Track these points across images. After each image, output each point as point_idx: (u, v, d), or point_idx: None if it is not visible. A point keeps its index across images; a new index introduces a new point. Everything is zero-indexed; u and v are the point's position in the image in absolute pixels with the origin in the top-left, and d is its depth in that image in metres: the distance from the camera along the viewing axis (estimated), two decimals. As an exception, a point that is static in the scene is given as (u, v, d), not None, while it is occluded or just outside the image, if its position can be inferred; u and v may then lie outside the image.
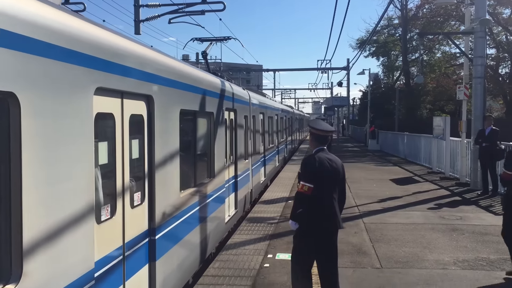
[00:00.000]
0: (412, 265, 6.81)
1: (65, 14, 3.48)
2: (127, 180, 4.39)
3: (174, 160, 5.58)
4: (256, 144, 13.02)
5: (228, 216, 9.15)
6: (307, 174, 4.82)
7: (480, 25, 13.20)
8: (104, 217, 3.98)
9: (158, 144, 4.99)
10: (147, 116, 4.85)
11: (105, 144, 4.07)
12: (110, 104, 4.07)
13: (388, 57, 47.19)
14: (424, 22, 37.78)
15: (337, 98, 31.50)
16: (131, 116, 4.45)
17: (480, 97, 13.66)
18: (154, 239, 4.94)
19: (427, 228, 8.98)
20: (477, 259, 7.09)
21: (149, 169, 4.88)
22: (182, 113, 5.93)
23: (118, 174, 4.23)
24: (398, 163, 21.78)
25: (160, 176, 5.08)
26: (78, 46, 3.45)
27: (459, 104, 36.95)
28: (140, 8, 14.25)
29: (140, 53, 4.76)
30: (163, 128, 5.18)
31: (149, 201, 4.88)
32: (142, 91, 4.67)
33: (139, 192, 4.69)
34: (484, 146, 12.31)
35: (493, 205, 11.21)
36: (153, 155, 4.92)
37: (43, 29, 3.06)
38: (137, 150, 4.69)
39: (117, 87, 4.08)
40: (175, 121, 5.66)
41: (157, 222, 4.98)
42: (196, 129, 7.02)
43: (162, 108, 5.14)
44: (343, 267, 6.74)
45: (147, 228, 4.85)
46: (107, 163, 4.08)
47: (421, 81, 21.50)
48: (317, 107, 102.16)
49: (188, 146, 6.72)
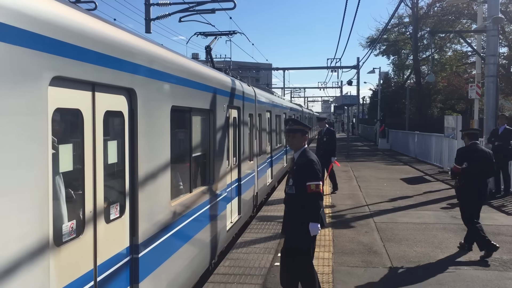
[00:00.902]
0: (423, 265, 6.76)
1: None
2: (100, 190, 3.68)
3: (162, 164, 4.86)
4: (262, 144, 12.49)
5: (230, 223, 8.40)
6: (318, 173, 4.96)
7: (493, 23, 13.06)
8: (68, 237, 3.27)
9: (142, 146, 4.30)
10: (129, 113, 4.15)
11: (69, 146, 3.42)
12: (75, 98, 3.38)
13: (398, 56, 46.95)
14: (435, 20, 37.56)
15: (347, 97, 31.36)
16: (106, 113, 3.77)
17: (493, 96, 13.51)
18: (137, 257, 4.23)
19: (439, 228, 8.92)
20: (490, 259, 7.01)
21: (130, 175, 4.18)
22: (174, 110, 5.22)
23: (88, 183, 3.53)
24: (409, 162, 21.64)
25: (145, 183, 4.40)
26: (21, 22, 2.75)
27: (470, 103, 36.77)
28: (151, 6, 14.27)
29: (119, 39, 4.04)
30: (148, 128, 4.48)
31: (131, 214, 4.18)
32: (122, 84, 3.97)
33: (117, 204, 4.00)
34: (497, 145, 12.18)
35: (505, 205, 11.09)
36: (136, 159, 4.22)
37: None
38: (115, 154, 4.02)
39: (85, 77, 3.38)
40: (164, 119, 4.94)
41: (140, 237, 4.28)
42: (192, 128, 6.19)
43: (147, 104, 4.43)
44: (354, 266, 6.73)
45: (128, 245, 4.15)
46: (72, 170, 3.43)
47: (432, 80, 21.33)
48: (326, 105, 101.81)
49: (182, 148, 6.05)
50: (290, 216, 5.09)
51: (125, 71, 4.00)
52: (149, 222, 4.48)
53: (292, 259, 5.05)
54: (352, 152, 27.26)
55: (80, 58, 3.32)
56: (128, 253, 4.14)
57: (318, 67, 38.73)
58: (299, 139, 5.14)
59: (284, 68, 43.72)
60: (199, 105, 6.37)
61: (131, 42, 4.27)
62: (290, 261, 5.08)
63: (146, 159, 4.40)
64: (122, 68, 3.96)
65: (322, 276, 6.30)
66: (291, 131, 5.16)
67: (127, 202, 4.12)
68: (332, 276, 6.31)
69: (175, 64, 5.40)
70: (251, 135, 10.79)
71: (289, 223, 5.07)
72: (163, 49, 5.25)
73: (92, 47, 3.47)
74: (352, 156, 25.13)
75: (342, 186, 14.29)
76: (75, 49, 3.25)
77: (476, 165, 7.20)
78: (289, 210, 5.13)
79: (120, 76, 3.92)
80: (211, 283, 6.08)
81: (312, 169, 4.93)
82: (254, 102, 11.10)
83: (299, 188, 4.93)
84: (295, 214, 4.97)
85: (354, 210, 10.69)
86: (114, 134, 4.04)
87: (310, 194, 4.85)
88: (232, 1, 13.43)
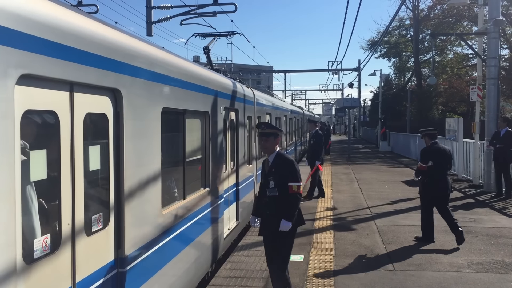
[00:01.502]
0: (425, 268, 6.75)
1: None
2: (79, 199, 3.38)
3: (152, 170, 4.54)
4: None
5: (228, 230, 8.08)
6: (299, 174, 5.19)
7: (494, 25, 13.08)
8: (41, 253, 2.96)
9: (128, 151, 3.99)
10: (114, 115, 3.83)
11: (43, 152, 3.08)
12: (50, 98, 3.06)
13: (399, 58, 47.00)
14: (436, 23, 37.61)
15: (348, 99, 31.35)
16: (87, 116, 3.47)
17: (494, 98, 13.52)
18: (124, 271, 3.93)
19: (440, 231, 8.88)
20: (492, 262, 7.00)
21: (116, 183, 3.87)
22: (166, 112, 4.90)
23: (65, 192, 3.21)
24: (410, 165, 21.60)
25: (132, 191, 4.09)
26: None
27: (471, 105, 36.73)
28: (152, 10, 14.30)
29: (102, 35, 3.69)
30: (136, 131, 4.16)
31: (116, 224, 3.88)
32: (105, 84, 3.66)
33: (100, 214, 3.68)
34: (498, 148, 12.18)
35: (507, 207, 11.08)
36: (122, 165, 3.91)
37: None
38: (98, 159, 3.70)
39: (61, 76, 3.07)
40: (154, 122, 4.62)
41: (127, 249, 3.97)
42: (186, 132, 5.82)
43: (134, 106, 4.12)
44: (355, 268, 6.71)
45: (113, 259, 3.84)
46: (47, 178, 3.10)
47: (433, 82, 21.33)
48: (327, 108, 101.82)
49: (175, 152, 5.70)
50: (273, 219, 5.10)
51: (108, 70, 3.69)
52: (137, 233, 4.18)
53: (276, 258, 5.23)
54: (354, 155, 27.25)
55: (55, 54, 3.00)
56: (114, 267, 3.85)
57: (319, 70, 38.95)
58: (272, 142, 5.22)
59: (285, 71, 43.72)
60: (194, 107, 6.07)
61: (116, 38, 3.93)
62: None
63: (133, 164, 4.10)
64: (105, 67, 3.64)
65: (323, 278, 6.30)
66: (264, 135, 5.23)
67: (111, 211, 3.82)
68: (333, 279, 6.30)
69: (166, 63, 5.06)
70: (250, 138, 10.58)
71: (274, 225, 5.08)
72: (153, 47, 4.93)
73: (69, 43, 3.16)
74: (353, 158, 25.13)
75: (343, 188, 14.29)
76: (48, 45, 2.95)
77: (439, 162, 8.07)
78: (271, 213, 5.15)
79: (103, 76, 3.61)
80: (213, 286, 6.07)
81: (294, 170, 5.12)
82: (253, 104, 10.89)
83: (282, 188, 5.06)
84: (279, 216, 5.05)
85: (356, 212, 10.68)
86: (97, 138, 3.73)
87: (292, 194, 5.03)
88: (233, 4, 13.45)
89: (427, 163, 8.07)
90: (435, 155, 8.13)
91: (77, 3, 10.71)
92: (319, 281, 6.22)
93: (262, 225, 5.37)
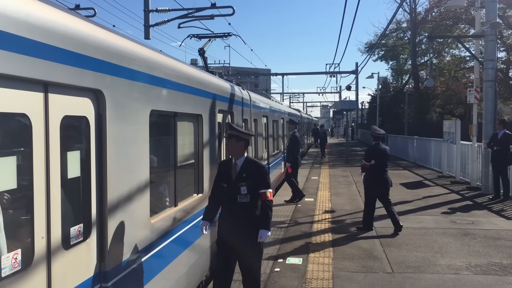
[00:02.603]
0: (424, 270, 6.76)
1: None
2: (55, 210, 3.11)
3: (139, 177, 4.28)
4: (258, 150, 12.10)
5: None
6: (270, 180, 5.09)
7: (491, 28, 13.13)
8: (10, 270, 2.70)
9: (112, 157, 3.72)
10: (95, 118, 3.58)
11: (11, 159, 2.81)
12: (18, 100, 2.80)
13: (397, 61, 47.13)
14: (433, 25, 37.69)
15: (346, 102, 31.33)
16: (64, 119, 3.22)
17: (491, 100, 13.56)
18: (107, 286, 3.69)
19: (439, 233, 8.91)
20: (490, 264, 7.01)
21: (98, 191, 3.62)
22: (154, 115, 4.64)
23: (38, 203, 2.94)
24: (408, 167, 21.66)
25: (116, 199, 3.82)
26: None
27: (468, 107, 36.85)
28: (150, 13, 14.32)
29: (82, 31, 3.41)
30: (120, 135, 3.90)
31: (99, 236, 3.63)
32: (86, 84, 3.38)
33: (80, 225, 3.42)
34: (496, 150, 12.20)
35: (505, 210, 11.10)
36: (105, 172, 3.65)
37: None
38: (77, 166, 3.44)
39: (33, 75, 2.82)
40: (141, 125, 4.34)
41: (110, 263, 3.72)
42: (177, 135, 5.54)
43: (118, 108, 3.85)
44: (354, 271, 6.72)
45: (95, 273, 3.58)
46: (16, 188, 2.82)
47: (431, 85, 21.37)
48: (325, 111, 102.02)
49: (165, 157, 5.41)
50: (244, 226, 4.83)
51: (90, 69, 3.41)
52: (122, 244, 3.93)
53: (234, 267, 5.02)
54: (352, 157, 27.26)
55: (24, 51, 2.74)
56: (97, 282, 3.60)
57: (317, 72, 38.68)
58: (241, 145, 4.97)
59: (283, 74, 43.84)
60: (186, 109, 5.79)
61: (98, 36, 3.64)
62: (231, 270, 5.02)
63: (117, 171, 3.83)
64: (85, 66, 3.36)
65: (322, 281, 6.31)
66: (235, 137, 4.96)
67: (93, 222, 3.56)
68: (332, 281, 6.30)
69: (155, 63, 4.75)
70: None
71: (244, 232, 4.82)
72: (141, 45, 4.65)
73: (43, 39, 2.90)
74: (351, 161, 25.13)
75: (341, 191, 14.30)
76: (14, 40, 2.66)
77: (380, 160, 9.13)
78: (241, 220, 4.84)
79: (83, 75, 3.33)
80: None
81: (266, 175, 4.97)
82: (249, 107, 10.77)
83: (254, 194, 4.84)
84: (252, 222, 4.83)
85: (354, 215, 10.68)
86: (75, 143, 3.45)
87: (265, 202, 4.84)
88: (231, 7, 13.49)
89: (370, 161, 9.10)
90: (378, 154, 9.13)
91: (74, 6, 10.72)
92: (317, 284, 6.22)
93: (224, 233, 4.96)
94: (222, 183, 5.00)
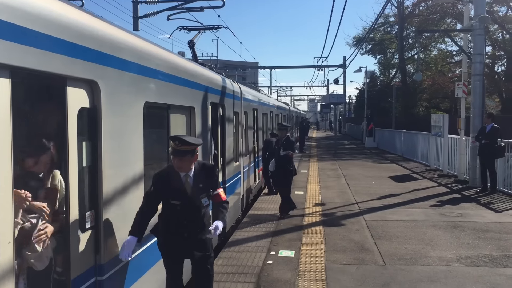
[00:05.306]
0: (415, 262, 6.81)
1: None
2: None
3: (134, 169, 4.25)
4: (248, 143, 12.15)
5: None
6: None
7: (480, 22, 13.22)
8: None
9: (107, 151, 3.68)
10: (90, 110, 3.56)
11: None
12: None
13: (384, 55, 47.34)
14: (421, 20, 37.91)
15: (334, 96, 31.44)
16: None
17: (479, 94, 13.68)
18: (102, 279, 3.65)
19: (428, 225, 8.99)
20: (480, 255, 7.09)
21: (92, 183, 3.61)
22: (148, 107, 4.56)
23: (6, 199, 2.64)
24: (396, 161, 21.81)
25: (111, 192, 3.80)
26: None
27: (454, 101, 37.25)
28: (139, 4, 14.14)
29: (75, 19, 3.32)
30: (116, 128, 3.87)
31: (94, 227, 3.62)
32: (81, 75, 3.34)
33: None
34: (484, 143, 12.32)
35: (493, 202, 11.23)
36: (100, 167, 3.61)
37: None
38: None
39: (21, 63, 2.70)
40: (136, 117, 4.29)
41: (106, 255, 3.71)
42: (170, 128, 5.44)
43: (114, 100, 3.81)
44: (346, 264, 6.75)
45: (91, 266, 3.57)
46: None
47: (420, 79, 21.52)
48: (312, 104, 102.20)
49: (157, 150, 5.38)
50: (198, 227, 4.44)
51: (84, 60, 3.36)
52: (117, 237, 3.92)
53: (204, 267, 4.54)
54: (340, 151, 27.39)
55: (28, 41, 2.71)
56: (92, 275, 3.56)
57: (305, 66, 38.72)
58: (189, 160, 4.27)
59: (271, 67, 43.71)
60: (179, 101, 5.73)
61: (92, 25, 3.57)
62: (180, 270, 4.57)
63: (113, 164, 3.79)
64: (81, 56, 3.30)
65: (315, 273, 6.32)
66: (178, 153, 4.18)
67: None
68: (325, 273, 6.32)
69: (149, 54, 4.71)
70: (236, 135, 10.40)
71: (203, 235, 4.47)
72: (134, 36, 4.61)
73: (35, 27, 2.81)
74: (339, 154, 25.24)
75: (331, 184, 14.35)
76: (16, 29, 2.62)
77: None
78: (196, 229, 4.44)
79: (78, 65, 3.27)
80: (204, 282, 6.03)
81: (217, 174, 4.68)
82: (240, 100, 10.75)
83: (210, 198, 4.52)
84: (206, 224, 4.51)
85: (344, 208, 10.72)
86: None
87: (222, 203, 4.58)
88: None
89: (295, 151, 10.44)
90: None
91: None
92: (311, 276, 6.23)
93: (177, 247, 4.42)
94: (171, 201, 4.30)
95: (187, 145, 4.17)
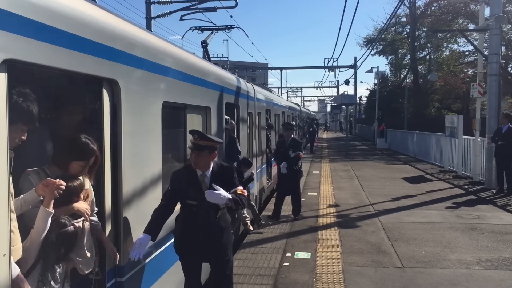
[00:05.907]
0: (434, 265, 6.68)
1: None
2: None
3: (152, 169, 4.20)
4: (261, 144, 12.09)
5: None
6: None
7: (496, 21, 13.03)
8: None
9: (127, 150, 3.61)
10: (110, 109, 3.45)
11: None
12: None
13: (395, 55, 47.00)
14: (433, 20, 37.57)
15: (345, 97, 31.32)
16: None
17: (495, 95, 13.49)
18: (122, 280, 3.61)
19: (445, 227, 8.85)
20: (500, 258, 6.95)
21: (113, 182, 3.52)
22: (166, 107, 4.50)
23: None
24: (408, 162, 21.60)
25: (131, 191, 3.75)
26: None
27: (466, 102, 36.85)
28: (152, 5, 14.15)
29: (97, 18, 3.27)
30: (135, 127, 3.80)
31: (113, 228, 3.59)
32: (99, 73, 3.25)
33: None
34: (500, 145, 12.14)
35: (510, 204, 11.04)
36: (120, 167, 3.55)
37: None
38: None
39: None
40: (154, 117, 4.24)
41: (126, 256, 3.70)
42: (187, 128, 5.32)
43: (133, 99, 3.75)
44: (364, 266, 6.65)
45: (110, 267, 3.53)
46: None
47: (434, 79, 21.33)
48: (322, 105, 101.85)
49: (174, 149, 5.36)
50: (214, 229, 4.36)
51: (105, 59, 3.28)
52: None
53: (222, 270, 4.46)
54: (351, 152, 27.22)
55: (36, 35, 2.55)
56: (112, 277, 3.52)
57: (315, 67, 38.72)
58: (214, 156, 4.27)
59: (281, 68, 43.81)
60: (196, 101, 5.67)
61: (113, 23, 3.52)
62: (198, 273, 4.52)
63: (132, 164, 3.72)
64: (100, 53, 3.22)
65: (332, 276, 6.23)
66: (197, 148, 4.17)
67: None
68: (343, 276, 6.22)
69: (167, 53, 4.65)
70: (250, 135, 10.35)
71: (220, 238, 4.39)
72: (153, 35, 4.55)
73: (52, 23, 2.69)
74: (351, 155, 25.08)
75: (344, 185, 14.23)
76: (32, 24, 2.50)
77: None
78: (213, 223, 4.35)
79: (97, 64, 3.20)
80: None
81: (235, 175, 4.50)
82: (253, 100, 10.69)
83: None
84: (224, 227, 4.44)
85: (358, 209, 10.61)
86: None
87: (242, 194, 4.40)
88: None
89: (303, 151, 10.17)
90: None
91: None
92: (328, 278, 6.14)
93: (193, 249, 4.35)
94: (187, 201, 4.27)
95: (206, 140, 4.18)
